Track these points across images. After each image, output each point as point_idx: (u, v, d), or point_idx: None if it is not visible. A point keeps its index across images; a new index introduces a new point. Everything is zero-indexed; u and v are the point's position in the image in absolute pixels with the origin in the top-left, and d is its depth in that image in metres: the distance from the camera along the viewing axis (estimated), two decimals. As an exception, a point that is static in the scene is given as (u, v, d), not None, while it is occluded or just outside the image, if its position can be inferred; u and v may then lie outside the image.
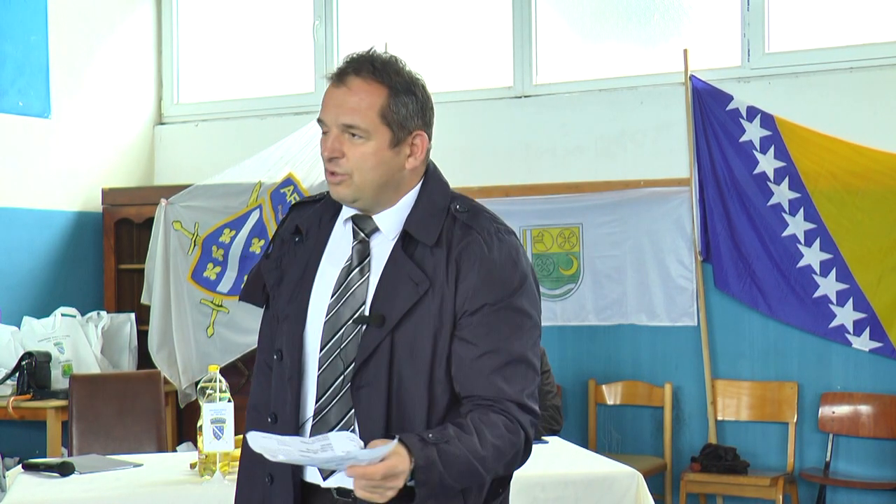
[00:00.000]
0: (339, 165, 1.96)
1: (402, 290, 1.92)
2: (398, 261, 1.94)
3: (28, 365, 5.29)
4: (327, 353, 1.94)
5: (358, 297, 1.95)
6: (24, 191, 5.89)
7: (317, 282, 1.99)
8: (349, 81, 1.96)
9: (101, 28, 6.41)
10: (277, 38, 6.63)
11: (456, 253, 1.93)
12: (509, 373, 1.91)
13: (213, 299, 5.63)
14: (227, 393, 3.40)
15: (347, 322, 1.93)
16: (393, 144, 1.95)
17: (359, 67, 1.96)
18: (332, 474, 1.92)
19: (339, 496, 1.95)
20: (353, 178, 1.95)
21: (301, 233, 2.06)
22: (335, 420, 1.93)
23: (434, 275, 1.92)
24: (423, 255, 1.94)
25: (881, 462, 5.22)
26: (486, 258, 1.92)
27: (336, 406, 1.93)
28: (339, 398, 1.93)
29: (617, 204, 5.67)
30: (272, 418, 1.99)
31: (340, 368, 1.92)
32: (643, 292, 5.61)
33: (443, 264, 1.92)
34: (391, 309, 1.91)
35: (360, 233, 2.00)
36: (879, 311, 5.13)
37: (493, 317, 1.91)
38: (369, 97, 1.94)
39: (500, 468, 1.90)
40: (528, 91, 5.96)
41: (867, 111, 5.26)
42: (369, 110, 1.94)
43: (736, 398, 5.46)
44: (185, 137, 6.67)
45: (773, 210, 5.32)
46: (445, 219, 1.97)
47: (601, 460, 3.81)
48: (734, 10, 5.57)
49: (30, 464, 3.63)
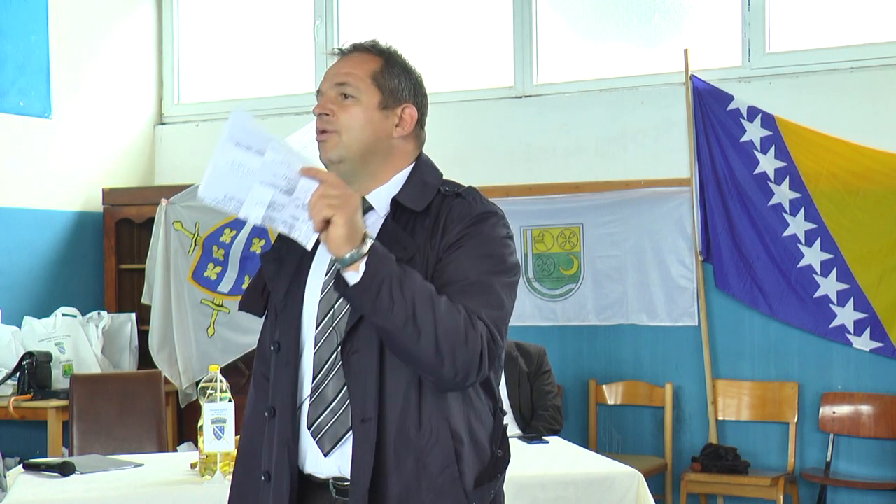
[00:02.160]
0: (329, 123, 2.00)
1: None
2: (388, 229, 1.97)
3: (29, 365, 5.29)
4: (322, 329, 1.97)
5: None
6: (25, 191, 5.89)
7: (313, 267, 2.03)
8: (347, 55, 2.08)
9: (102, 28, 6.41)
10: (278, 38, 6.63)
11: (442, 219, 1.97)
12: (472, 291, 1.89)
13: (214, 299, 5.63)
14: (227, 393, 3.41)
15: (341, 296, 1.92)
16: (381, 107, 2.02)
17: (359, 44, 2.08)
18: (334, 449, 1.92)
19: (339, 495, 1.95)
20: (341, 136, 2.00)
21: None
22: (332, 394, 1.94)
23: (422, 242, 1.95)
24: (412, 225, 1.98)
25: (882, 462, 5.22)
26: (466, 214, 1.96)
27: (333, 380, 1.94)
28: (335, 371, 1.94)
29: (617, 204, 5.67)
30: (269, 412, 2.02)
31: (335, 342, 1.94)
32: (644, 292, 5.61)
33: (429, 232, 1.96)
34: None
35: None
36: (880, 311, 5.13)
37: (466, 253, 1.92)
38: (364, 63, 2.04)
39: (442, 335, 1.80)
40: (529, 91, 5.96)
41: (868, 111, 5.26)
42: (362, 72, 2.03)
43: (736, 398, 5.46)
44: (186, 137, 6.67)
45: (774, 210, 5.32)
46: (436, 196, 2.01)
47: (602, 460, 3.81)
48: (735, 9, 5.57)
49: (31, 464, 3.63)
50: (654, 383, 5.60)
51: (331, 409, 1.94)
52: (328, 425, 1.94)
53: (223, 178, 1.79)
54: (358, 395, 1.90)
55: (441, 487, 1.91)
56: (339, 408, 1.93)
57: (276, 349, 2.02)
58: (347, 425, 1.92)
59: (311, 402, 1.96)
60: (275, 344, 2.02)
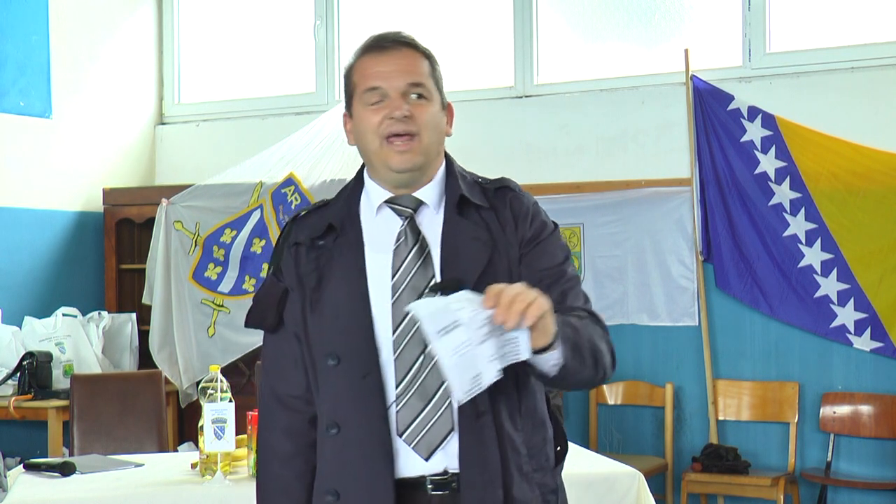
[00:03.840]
0: (412, 125, 1.93)
1: (470, 251, 1.94)
2: (457, 226, 1.96)
3: (29, 365, 5.29)
4: (402, 333, 1.90)
5: (426, 270, 1.93)
6: (26, 191, 5.89)
7: (370, 273, 1.95)
8: (395, 49, 1.98)
9: (103, 28, 6.41)
10: (278, 39, 6.63)
11: (506, 211, 1.99)
12: (571, 286, 2.00)
13: (214, 299, 5.63)
14: (228, 393, 3.41)
15: (421, 296, 1.87)
16: (442, 108, 2.01)
17: (397, 38, 1.99)
18: (436, 451, 1.88)
19: (435, 491, 1.91)
20: (420, 139, 1.94)
21: (335, 229, 1.99)
22: (426, 397, 1.88)
23: (495, 234, 1.96)
24: (475, 218, 1.97)
25: (882, 462, 5.22)
26: (529, 209, 2.02)
27: (423, 383, 1.89)
28: (427, 372, 1.88)
29: (618, 204, 5.67)
30: (336, 429, 1.93)
31: (420, 345, 1.87)
32: (644, 292, 5.61)
33: (496, 223, 1.97)
34: (465, 272, 1.90)
35: (406, 210, 1.98)
36: (880, 311, 5.13)
37: (549, 246, 2.00)
38: (420, 62, 1.99)
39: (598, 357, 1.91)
40: (530, 91, 5.96)
41: (868, 111, 5.26)
42: (426, 72, 1.99)
43: (737, 398, 5.46)
44: (187, 137, 6.67)
45: (775, 210, 5.32)
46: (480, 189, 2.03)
47: (602, 460, 3.81)
48: (735, 10, 5.57)
49: (31, 464, 3.63)
50: (655, 383, 5.60)
51: (426, 411, 1.89)
52: (426, 428, 1.89)
53: (460, 368, 1.72)
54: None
55: (541, 470, 1.96)
56: (437, 408, 1.89)
57: (336, 361, 1.93)
58: (450, 423, 1.89)
59: (400, 409, 1.89)
60: (334, 356, 1.93)
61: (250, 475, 3.45)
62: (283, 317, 2.01)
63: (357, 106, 1.98)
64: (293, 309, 2.00)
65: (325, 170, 5.66)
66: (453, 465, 1.90)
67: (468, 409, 1.86)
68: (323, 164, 5.67)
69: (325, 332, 1.95)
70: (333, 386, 1.94)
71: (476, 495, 1.88)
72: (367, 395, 1.90)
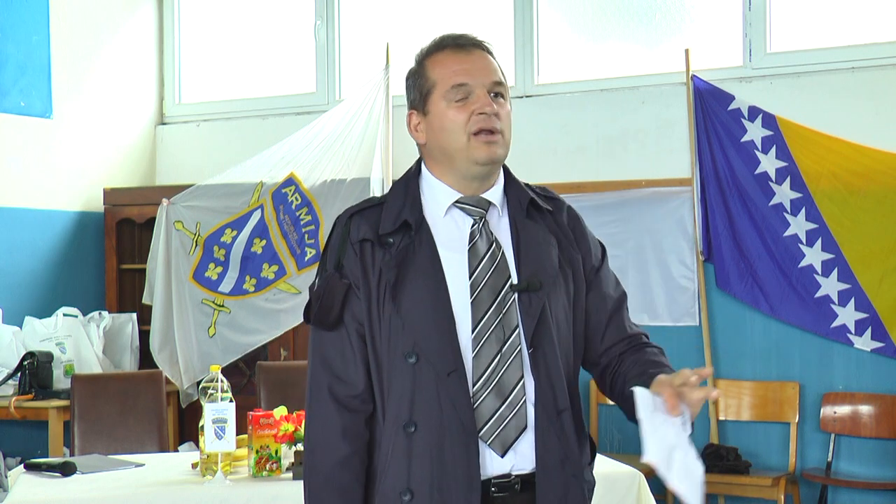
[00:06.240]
0: (498, 122, 1.99)
1: (542, 253, 2.01)
2: (527, 228, 2.03)
3: (30, 365, 5.30)
4: (481, 331, 1.95)
5: (501, 269, 1.98)
6: (26, 191, 5.89)
7: (447, 271, 1.98)
8: (476, 49, 2.04)
9: (103, 28, 6.41)
10: (279, 39, 6.63)
11: (562, 218, 2.09)
12: (627, 309, 2.17)
13: (215, 299, 5.63)
14: (228, 393, 3.41)
15: (500, 295, 1.95)
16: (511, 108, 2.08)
17: (475, 40, 2.05)
18: (510, 448, 1.94)
19: (499, 492, 1.94)
20: (504, 136, 2.01)
21: (410, 227, 1.99)
22: (502, 396, 1.93)
23: (559, 238, 2.06)
24: (542, 222, 2.05)
25: (883, 462, 5.22)
26: (585, 226, 2.15)
27: (499, 382, 1.94)
28: (506, 368, 1.94)
29: (618, 204, 5.67)
30: (413, 427, 1.93)
31: (501, 339, 1.94)
32: (645, 292, 5.61)
33: (555, 227, 2.07)
34: (543, 272, 2.00)
35: (479, 210, 2.03)
36: (881, 311, 5.13)
37: (607, 270, 2.16)
38: (495, 64, 2.05)
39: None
40: (530, 91, 5.96)
41: (869, 111, 5.26)
42: (502, 75, 2.05)
43: (737, 398, 5.46)
44: (187, 137, 6.67)
45: (775, 210, 5.32)
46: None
47: (603, 460, 3.80)
48: (736, 9, 5.56)
49: (32, 464, 3.63)
50: (655, 383, 5.59)
51: (502, 409, 1.93)
52: (501, 426, 1.93)
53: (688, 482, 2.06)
54: (548, 388, 1.96)
55: (584, 467, 2.05)
56: (512, 407, 1.94)
57: (416, 359, 1.93)
58: (524, 422, 1.94)
59: (476, 407, 1.93)
60: (413, 354, 1.93)
61: (251, 475, 3.45)
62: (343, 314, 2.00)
63: (437, 103, 2.00)
64: (358, 306, 1.99)
65: (325, 170, 5.66)
66: (520, 465, 1.95)
67: (548, 406, 1.95)
68: (323, 164, 5.68)
69: (404, 330, 1.94)
70: (411, 384, 1.94)
71: (557, 491, 1.96)
72: (453, 393, 1.92)
